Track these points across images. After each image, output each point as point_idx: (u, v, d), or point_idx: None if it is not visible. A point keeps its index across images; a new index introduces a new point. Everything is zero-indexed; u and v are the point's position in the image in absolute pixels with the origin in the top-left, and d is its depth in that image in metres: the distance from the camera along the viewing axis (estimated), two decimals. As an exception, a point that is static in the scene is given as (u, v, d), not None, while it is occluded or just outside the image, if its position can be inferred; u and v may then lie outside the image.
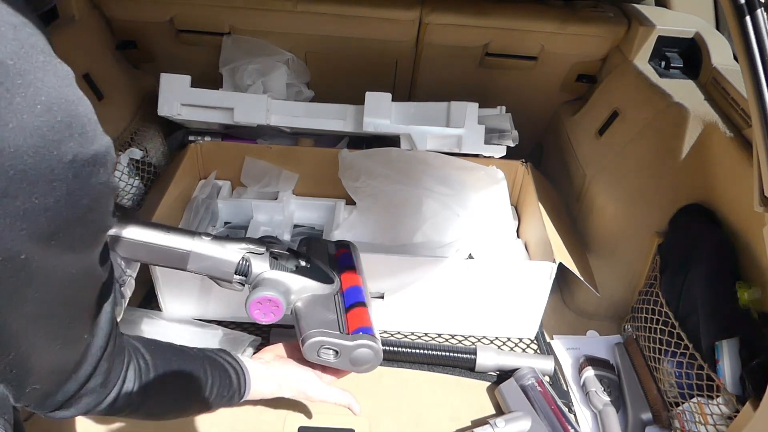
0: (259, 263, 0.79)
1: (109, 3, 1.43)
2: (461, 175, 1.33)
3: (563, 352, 1.18)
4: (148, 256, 0.78)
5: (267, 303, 0.78)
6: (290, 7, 1.40)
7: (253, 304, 0.78)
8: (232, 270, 0.79)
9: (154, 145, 1.44)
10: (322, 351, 0.80)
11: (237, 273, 0.79)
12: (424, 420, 1.03)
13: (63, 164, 0.37)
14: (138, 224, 0.76)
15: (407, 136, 1.37)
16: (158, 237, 0.76)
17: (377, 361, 0.85)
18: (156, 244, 0.76)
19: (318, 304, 0.84)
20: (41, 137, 0.35)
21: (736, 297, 0.94)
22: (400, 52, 1.51)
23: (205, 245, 0.77)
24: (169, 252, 0.77)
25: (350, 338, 0.81)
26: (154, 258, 0.79)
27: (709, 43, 1.28)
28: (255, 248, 0.79)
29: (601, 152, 1.29)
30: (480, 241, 1.26)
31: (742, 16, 0.74)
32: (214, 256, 0.77)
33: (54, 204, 0.37)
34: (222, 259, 0.78)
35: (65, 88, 0.38)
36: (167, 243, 0.76)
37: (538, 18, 1.43)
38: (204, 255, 0.77)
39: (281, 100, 1.42)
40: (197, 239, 0.77)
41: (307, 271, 0.84)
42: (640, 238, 1.18)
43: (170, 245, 0.76)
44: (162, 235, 0.77)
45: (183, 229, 0.80)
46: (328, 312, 0.83)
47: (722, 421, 0.89)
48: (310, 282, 0.83)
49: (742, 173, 0.96)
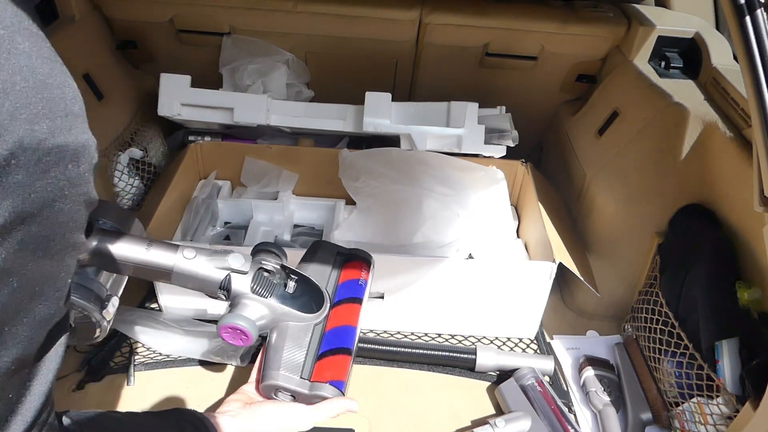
0: (240, 282, 0.75)
1: (109, 3, 1.43)
2: (461, 175, 1.33)
3: (563, 352, 1.18)
4: (130, 272, 0.74)
5: (236, 331, 0.75)
6: (290, 7, 1.40)
7: (222, 328, 0.74)
8: (216, 287, 0.75)
9: (154, 145, 1.44)
10: (278, 393, 0.76)
11: (222, 288, 0.75)
12: (424, 420, 1.03)
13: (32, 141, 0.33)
14: (118, 239, 0.72)
15: (407, 136, 1.37)
16: (139, 253, 0.72)
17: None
18: (137, 261, 0.72)
19: (290, 338, 0.77)
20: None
21: (736, 297, 0.94)
22: (400, 52, 1.51)
23: (188, 262, 0.73)
24: (150, 270, 0.73)
25: (311, 387, 0.74)
26: (138, 273, 0.74)
27: (709, 43, 1.28)
28: (240, 267, 0.74)
29: (601, 152, 1.29)
30: (480, 241, 1.26)
31: (742, 16, 0.74)
32: (197, 273, 0.74)
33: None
34: (205, 277, 0.74)
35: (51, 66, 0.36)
36: (149, 259, 0.72)
37: (538, 18, 1.43)
38: (186, 273, 0.74)
39: (281, 100, 1.42)
40: (180, 255, 0.73)
41: (290, 298, 0.77)
42: (640, 238, 1.18)
43: (152, 261, 0.72)
44: (143, 250, 0.73)
45: (166, 243, 0.75)
46: (297, 349, 0.76)
47: (722, 421, 0.89)
48: (288, 311, 0.76)
49: (742, 173, 0.96)
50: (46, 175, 0.34)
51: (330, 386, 0.74)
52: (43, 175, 0.34)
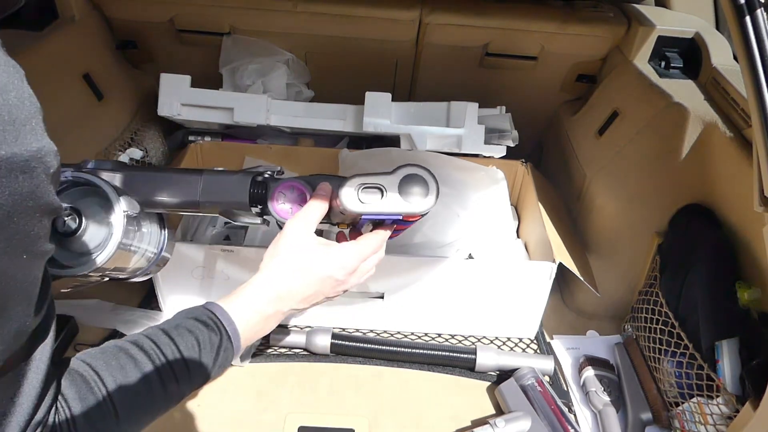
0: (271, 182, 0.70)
1: (109, 3, 1.43)
2: (461, 175, 1.33)
3: (563, 352, 1.18)
4: (158, 194, 0.70)
5: (290, 191, 0.70)
6: (290, 7, 1.40)
7: (275, 193, 0.69)
8: (246, 197, 0.70)
9: (154, 145, 1.44)
10: (361, 193, 0.64)
11: (252, 203, 0.69)
12: (424, 420, 1.03)
13: None
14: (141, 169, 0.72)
15: (407, 136, 1.37)
16: (165, 171, 0.71)
17: (434, 191, 0.66)
18: (165, 173, 0.70)
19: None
20: None
21: (736, 297, 0.94)
22: (400, 52, 1.51)
23: (213, 177, 0.70)
24: (179, 183, 0.70)
25: (392, 171, 0.66)
26: (165, 195, 0.70)
27: (709, 43, 1.28)
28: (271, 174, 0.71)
29: (601, 152, 1.29)
30: (480, 241, 1.26)
31: (742, 16, 0.74)
32: (224, 188, 0.69)
33: None
34: (232, 190, 0.70)
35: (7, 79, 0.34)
36: (177, 173, 0.70)
37: (538, 18, 1.43)
38: (214, 188, 0.69)
39: (281, 100, 1.42)
40: (206, 171, 0.71)
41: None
42: (640, 238, 1.18)
43: (180, 174, 0.70)
44: (169, 171, 0.72)
45: (188, 169, 0.73)
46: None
47: (722, 421, 0.89)
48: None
49: (742, 173, 0.96)
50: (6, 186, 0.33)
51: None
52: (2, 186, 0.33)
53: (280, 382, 1.07)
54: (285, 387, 1.06)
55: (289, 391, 1.05)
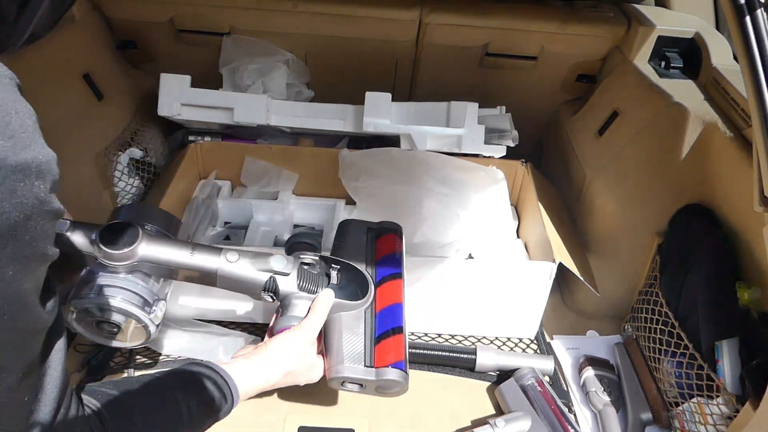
0: (286, 283, 0.76)
1: (109, 3, 1.43)
2: (461, 175, 1.33)
3: (563, 352, 1.18)
4: (176, 276, 0.76)
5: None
6: (290, 7, 1.40)
7: (279, 331, 0.76)
8: (260, 290, 0.76)
9: (154, 145, 1.44)
10: (347, 384, 0.77)
11: (265, 290, 0.76)
12: (424, 420, 1.03)
13: None
14: (163, 244, 0.73)
15: (407, 136, 1.37)
16: (183, 257, 0.73)
17: (404, 390, 0.79)
18: (182, 264, 0.73)
19: (346, 328, 0.78)
20: None
21: (736, 297, 0.94)
22: (400, 52, 1.51)
23: (231, 266, 0.74)
24: (195, 273, 0.75)
25: (376, 374, 0.75)
26: (183, 277, 0.76)
27: (709, 43, 1.28)
28: (282, 269, 0.75)
29: (601, 152, 1.29)
30: (480, 241, 1.26)
31: (742, 16, 0.74)
32: (241, 276, 0.75)
33: None
34: (249, 279, 0.75)
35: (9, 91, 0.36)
36: (192, 263, 0.73)
37: (538, 18, 1.43)
38: (230, 276, 0.75)
39: (281, 100, 1.42)
40: (223, 258, 0.74)
41: (336, 289, 0.78)
42: (640, 238, 1.18)
43: (196, 265, 0.73)
44: (187, 254, 0.74)
45: (210, 246, 0.76)
46: (355, 338, 0.77)
47: (722, 421, 0.89)
48: (338, 302, 0.77)
49: (742, 173, 0.96)
50: (14, 195, 0.35)
51: (393, 369, 0.75)
52: (10, 195, 0.35)
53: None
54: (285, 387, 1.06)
55: (289, 391, 1.05)
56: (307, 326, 0.74)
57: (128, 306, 0.69)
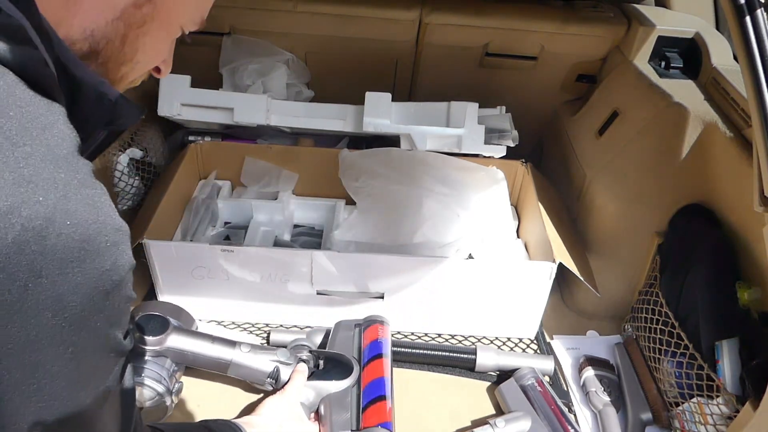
0: (286, 371, 0.93)
1: (109, 3, 1.42)
2: (461, 175, 1.33)
3: (563, 352, 1.18)
4: (193, 363, 0.92)
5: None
6: (290, 7, 1.40)
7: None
8: (265, 378, 0.93)
9: (154, 145, 1.44)
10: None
11: (269, 377, 0.93)
12: (424, 420, 1.03)
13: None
14: (188, 336, 0.91)
15: (407, 136, 1.37)
16: (204, 347, 0.91)
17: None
18: (202, 354, 0.90)
19: (335, 403, 0.92)
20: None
21: (736, 297, 0.94)
22: (400, 52, 1.51)
23: (243, 356, 0.91)
24: (212, 361, 0.91)
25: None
26: (199, 364, 0.92)
27: (709, 43, 1.28)
28: (286, 360, 0.93)
29: (601, 152, 1.29)
30: (480, 241, 1.26)
31: (742, 16, 0.74)
32: (250, 366, 0.92)
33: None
34: (257, 368, 0.92)
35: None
36: (212, 353, 0.91)
37: (538, 18, 1.43)
38: (242, 365, 0.91)
39: (281, 100, 1.42)
40: (237, 350, 0.92)
41: (323, 373, 0.95)
42: (640, 238, 1.18)
43: (214, 355, 0.90)
44: (208, 345, 0.91)
45: (225, 339, 0.93)
46: (342, 410, 0.91)
47: (722, 421, 0.89)
48: (326, 385, 0.94)
49: (742, 173, 0.96)
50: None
51: (378, 428, 0.88)
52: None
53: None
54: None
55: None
56: (288, 390, 0.91)
57: (156, 385, 0.84)
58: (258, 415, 0.86)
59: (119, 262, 0.41)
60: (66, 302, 0.37)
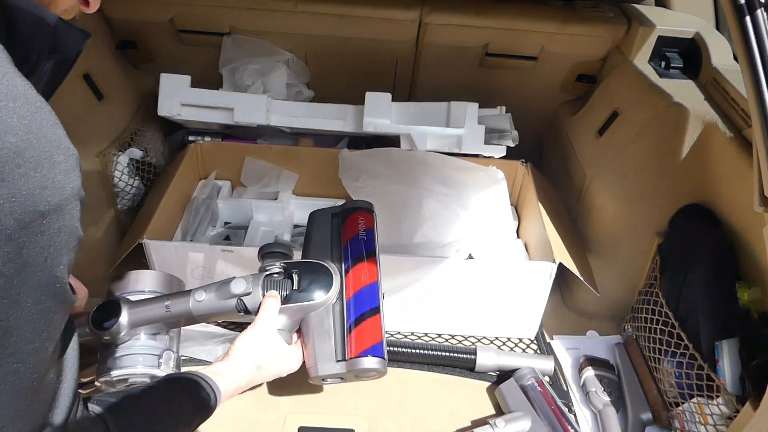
0: (253, 299, 0.81)
1: (109, 3, 1.43)
2: (461, 175, 1.33)
3: (563, 352, 1.18)
4: (163, 328, 0.82)
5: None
6: (290, 7, 1.40)
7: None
8: (234, 312, 0.81)
9: (154, 145, 1.44)
10: (327, 380, 0.81)
11: (238, 311, 0.81)
12: (424, 420, 1.03)
13: None
14: (141, 306, 0.79)
15: (407, 136, 1.37)
16: (161, 311, 0.80)
17: (382, 374, 0.82)
18: (162, 317, 0.80)
19: (314, 328, 0.80)
20: None
21: (736, 297, 0.94)
22: (400, 52, 1.51)
23: (200, 304, 0.80)
24: (176, 321, 0.81)
25: (349, 365, 0.78)
26: (171, 325, 0.83)
27: (709, 43, 1.28)
28: (243, 290, 0.80)
29: (601, 152, 1.29)
30: (480, 242, 1.26)
31: (742, 16, 0.74)
32: (212, 309, 0.81)
33: None
34: (220, 309, 0.81)
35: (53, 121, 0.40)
36: (170, 314, 0.80)
37: (538, 18, 1.43)
38: (204, 312, 0.80)
39: (281, 100, 1.42)
40: (192, 300, 0.80)
41: (298, 292, 0.81)
42: (640, 238, 1.18)
43: (173, 314, 0.80)
44: (163, 308, 0.80)
45: (181, 293, 0.82)
46: (324, 336, 0.80)
47: (722, 421, 0.89)
48: (301, 305, 0.80)
49: (742, 173, 0.96)
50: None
51: (367, 358, 0.76)
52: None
53: (279, 382, 1.06)
54: (285, 387, 1.06)
55: (288, 391, 1.05)
56: (259, 323, 0.79)
57: (143, 368, 0.77)
58: (228, 359, 0.77)
59: (60, 182, 0.38)
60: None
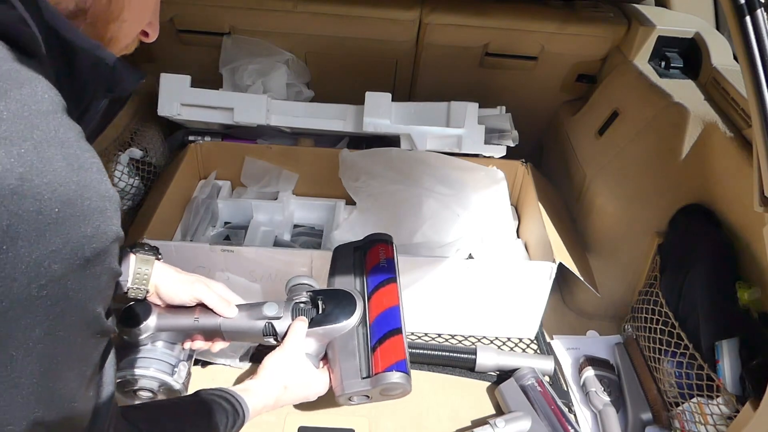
0: (282, 324, 0.84)
1: (109, 3, 1.42)
2: (461, 175, 1.33)
3: (563, 352, 1.18)
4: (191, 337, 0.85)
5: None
6: (290, 7, 1.40)
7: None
8: (261, 335, 0.84)
9: (154, 145, 1.44)
10: (354, 398, 0.83)
11: (265, 335, 0.84)
12: (424, 420, 1.03)
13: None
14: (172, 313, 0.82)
15: (407, 136, 1.37)
16: (190, 321, 0.82)
17: (407, 391, 0.84)
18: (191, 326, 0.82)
19: (340, 350, 0.84)
20: None
21: (736, 297, 0.94)
22: (400, 52, 1.50)
23: (230, 321, 0.83)
24: (204, 332, 0.84)
25: (374, 381, 0.80)
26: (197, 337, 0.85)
27: (709, 43, 1.28)
28: (275, 314, 0.84)
29: (601, 152, 1.29)
30: (480, 241, 1.26)
31: (742, 16, 0.74)
32: (240, 327, 0.84)
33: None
34: (248, 329, 0.84)
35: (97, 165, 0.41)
36: (200, 324, 0.82)
37: (538, 18, 1.43)
38: (232, 329, 0.83)
39: (281, 100, 1.42)
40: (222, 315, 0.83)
41: (323, 317, 0.85)
42: (640, 238, 1.18)
43: (203, 326, 0.82)
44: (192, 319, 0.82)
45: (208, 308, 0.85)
46: (350, 356, 0.83)
47: (722, 421, 0.89)
48: (327, 329, 0.84)
49: (742, 173, 0.96)
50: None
51: (391, 372, 0.79)
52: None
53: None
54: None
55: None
56: (288, 345, 0.82)
57: (158, 374, 0.80)
58: (258, 378, 0.80)
59: (103, 229, 0.39)
60: (43, 268, 0.35)
